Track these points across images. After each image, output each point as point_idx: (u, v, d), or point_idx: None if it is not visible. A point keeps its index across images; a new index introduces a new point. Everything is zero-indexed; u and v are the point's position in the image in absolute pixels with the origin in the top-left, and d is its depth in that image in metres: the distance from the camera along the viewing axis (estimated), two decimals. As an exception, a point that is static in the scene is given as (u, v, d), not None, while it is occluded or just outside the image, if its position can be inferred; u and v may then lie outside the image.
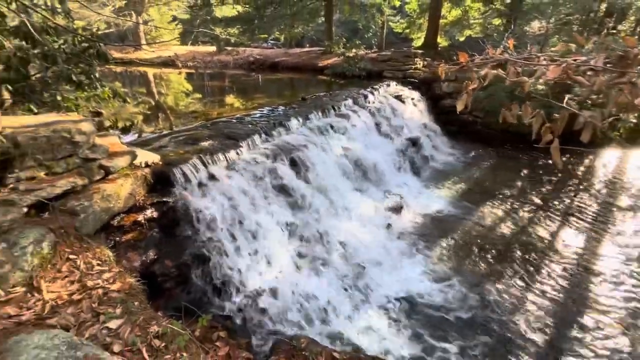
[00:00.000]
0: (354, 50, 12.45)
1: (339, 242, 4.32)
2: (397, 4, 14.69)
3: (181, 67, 14.68)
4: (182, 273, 2.91)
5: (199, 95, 10.31)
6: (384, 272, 4.17)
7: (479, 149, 8.87)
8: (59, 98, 4.90)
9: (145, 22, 21.77)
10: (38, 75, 4.70)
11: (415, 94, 9.48)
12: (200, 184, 3.57)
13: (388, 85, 9.26)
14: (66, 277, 2.15)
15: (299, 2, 11.86)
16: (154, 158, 3.49)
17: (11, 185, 2.29)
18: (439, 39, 13.48)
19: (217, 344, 2.30)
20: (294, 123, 5.44)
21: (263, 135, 4.81)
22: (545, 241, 4.94)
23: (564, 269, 4.35)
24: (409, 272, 4.19)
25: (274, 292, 3.33)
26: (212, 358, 2.09)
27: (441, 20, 13.66)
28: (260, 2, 12.11)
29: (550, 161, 7.73)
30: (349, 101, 7.14)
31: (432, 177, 7.23)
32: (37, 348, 1.52)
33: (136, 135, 5.60)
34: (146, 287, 2.45)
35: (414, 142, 7.33)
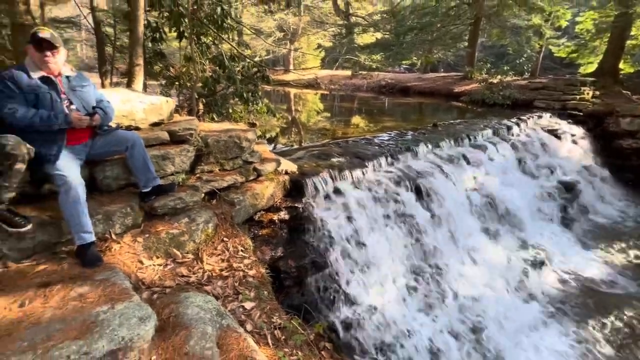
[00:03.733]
0: (498, 76, 11.27)
1: (457, 286, 3.88)
2: (564, 24, 12.59)
3: (324, 89, 16.33)
4: (300, 275, 3.15)
5: (328, 114, 11.21)
6: (509, 337, 3.51)
7: (673, 208, 6.58)
8: (230, 110, 6.18)
9: (296, 49, 25.40)
10: (221, 92, 6.05)
11: (577, 130, 7.84)
12: (327, 197, 3.83)
13: (539, 117, 7.97)
14: (219, 255, 2.63)
15: (442, 27, 11.61)
16: (292, 167, 3.95)
17: (197, 175, 2.98)
18: (620, 65, 10.83)
19: (323, 353, 2.38)
20: (422, 149, 5.27)
21: (389, 158, 4.82)
22: None
23: None
24: (547, 348, 3.39)
25: (379, 319, 3.24)
26: (317, 365, 2.16)
27: (628, 42, 10.94)
28: (401, 29, 12.43)
29: None
30: (488, 131, 6.45)
31: (591, 233, 5.75)
32: (198, 307, 1.89)
33: (273, 145, 6.52)
34: (272, 280, 2.76)
35: (569, 187, 6.00)
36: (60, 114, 2.01)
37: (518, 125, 7.11)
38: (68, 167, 2.02)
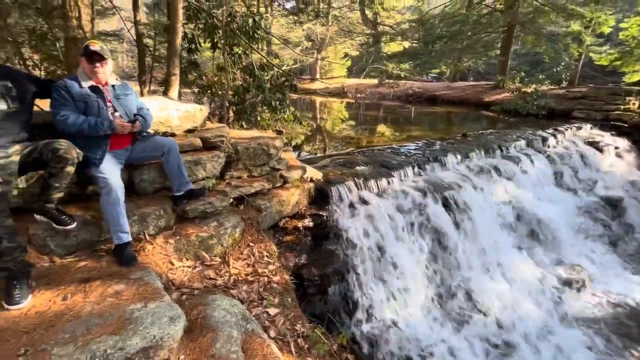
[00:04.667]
0: (533, 85, 10.81)
1: (486, 303, 3.70)
2: (607, 30, 11.91)
3: (350, 97, 16.42)
4: (323, 284, 3.13)
5: (353, 123, 11.20)
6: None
7: None
8: (258, 118, 6.34)
9: (323, 59, 25.78)
10: (250, 101, 6.23)
11: (622, 142, 7.33)
12: (351, 205, 3.80)
13: (578, 128, 7.54)
14: (245, 260, 2.68)
15: (473, 36, 11.34)
16: (317, 175, 3.97)
17: (227, 181, 3.08)
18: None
19: (345, 365, 2.34)
20: (450, 159, 5.13)
21: (416, 168, 4.73)
22: None
23: None
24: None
25: (403, 333, 3.15)
26: (339, 377, 2.13)
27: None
28: (429, 37, 12.28)
29: None
30: (521, 142, 6.19)
31: (637, 254, 5.30)
32: (224, 310, 1.93)
33: (298, 152, 6.59)
34: (295, 287, 2.77)
35: (613, 204, 5.60)
36: (106, 121, 2.16)
37: (554, 136, 6.76)
38: (110, 171, 2.15)
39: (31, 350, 1.38)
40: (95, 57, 2.15)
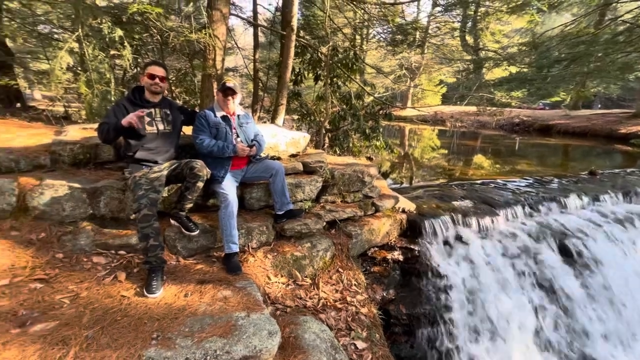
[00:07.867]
0: (697, 114, 8.48)
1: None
2: None
3: (448, 126, 15.70)
4: (411, 324, 2.92)
5: (445, 151, 10.54)
6: None
7: None
8: (350, 145, 6.52)
9: (416, 86, 25.39)
10: (344, 128, 6.48)
11: None
12: (447, 243, 3.51)
13: None
14: (334, 285, 2.70)
15: (605, 57, 9.58)
16: (410, 206, 3.81)
17: (321, 204, 3.20)
18: None
19: None
20: (573, 201, 4.33)
21: (527, 208, 4.13)
22: None
23: None
24: None
25: (505, 404, 2.66)
26: None
27: None
28: (545, 61, 10.89)
29: None
30: (680, 187, 4.84)
31: None
32: (314, 334, 1.95)
33: (387, 180, 6.45)
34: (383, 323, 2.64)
35: None
36: (231, 145, 2.52)
37: None
38: (229, 187, 2.47)
39: (161, 336, 1.62)
40: (229, 92, 2.56)
